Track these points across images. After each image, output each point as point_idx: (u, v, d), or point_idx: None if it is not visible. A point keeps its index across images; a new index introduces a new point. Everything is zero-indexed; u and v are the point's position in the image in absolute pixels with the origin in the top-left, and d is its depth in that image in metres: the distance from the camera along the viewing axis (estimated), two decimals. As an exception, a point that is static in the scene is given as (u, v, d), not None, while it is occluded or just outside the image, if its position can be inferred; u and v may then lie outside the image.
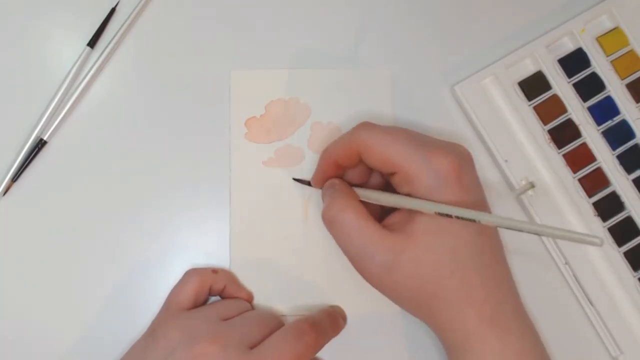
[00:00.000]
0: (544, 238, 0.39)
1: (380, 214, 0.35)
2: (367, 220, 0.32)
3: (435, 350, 0.38)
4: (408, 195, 0.32)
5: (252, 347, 0.32)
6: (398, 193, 0.33)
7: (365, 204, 0.34)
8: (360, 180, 0.36)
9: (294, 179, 0.39)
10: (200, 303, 0.36)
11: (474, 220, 0.30)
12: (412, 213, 0.32)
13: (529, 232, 0.29)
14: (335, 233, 0.33)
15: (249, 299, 0.38)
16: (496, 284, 0.32)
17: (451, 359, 0.33)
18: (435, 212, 0.31)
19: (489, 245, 0.32)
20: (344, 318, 0.38)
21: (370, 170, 0.36)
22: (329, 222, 0.33)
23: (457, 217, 0.30)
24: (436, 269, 0.31)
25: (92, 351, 0.37)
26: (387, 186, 0.35)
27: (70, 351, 0.37)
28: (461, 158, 0.32)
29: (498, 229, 0.33)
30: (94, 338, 0.37)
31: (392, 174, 0.33)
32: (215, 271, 0.37)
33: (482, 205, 0.33)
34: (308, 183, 0.38)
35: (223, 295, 0.37)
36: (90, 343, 0.37)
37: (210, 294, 0.37)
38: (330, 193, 0.35)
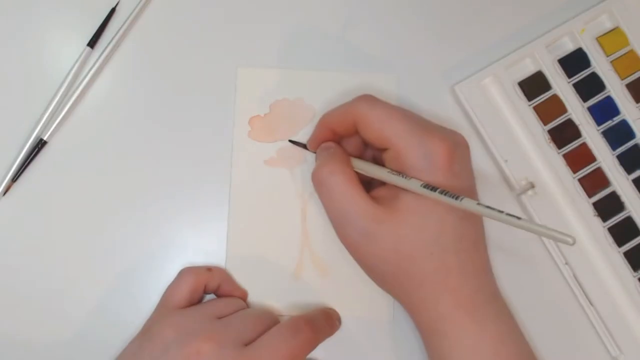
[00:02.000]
0: (543, 238, 0.39)
1: (368, 187, 0.35)
2: (355, 186, 0.32)
3: (435, 350, 0.38)
4: (398, 173, 0.33)
5: (247, 345, 0.32)
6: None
7: (357, 174, 0.34)
8: (354, 151, 0.36)
9: (290, 141, 0.39)
10: (195, 301, 0.36)
11: (456, 198, 0.30)
12: (399, 190, 0.32)
13: (505, 223, 0.29)
14: (322, 194, 0.34)
15: (244, 297, 0.38)
16: (474, 271, 0.32)
17: (426, 342, 0.33)
18: (421, 186, 0.31)
19: (472, 232, 0.33)
20: (338, 319, 0.38)
21: (365, 143, 0.36)
22: (318, 182, 0.34)
23: (442, 193, 0.30)
24: (415, 249, 0.31)
25: (90, 349, 0.37)
26: (378, 162, 0.36)
27: (68, 349, 0.37)
28: (457, 145, 0.32)
29: (483, 217, 0.33)
30: (92, 336, 0.37)
31: (385, 149, 0.33)
32: (210, 270, 0.37)
33: (470, 193, 0.33)
34: (304, 146, 0.38)
35: (218, 294, 0.37)
36: (88, 341, 0.37)
37: (205, 292, 0.37)
38: (324, 155, 0.35)
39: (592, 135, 0.39)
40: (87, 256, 0.38)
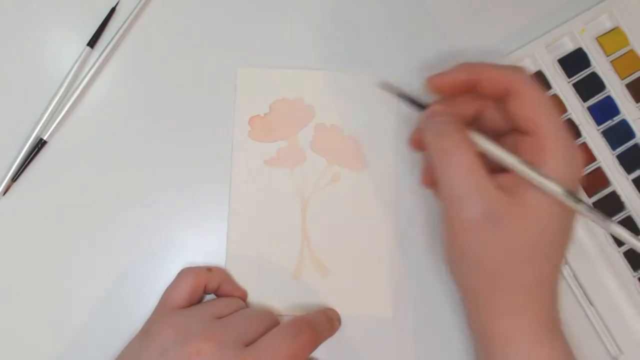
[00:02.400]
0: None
1: None
2: (483, 169, 0.30)
3: (429, 354, 0.38)
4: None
5: (247, 345, 0.32)
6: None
7: None
8: (471, 115, 0.33)
9: (382, 85, 0.36)
10: (195, 302, 0.36)
11: (603, 220, 0.29)
12: (525, 183, 0.30)
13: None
14: (448, 165, 0.30)
15: (243, 297, 0.38)
16: (555, 290, 0.31)
17: (481, 344, 0.32)
18: (563, 195, 0.29)
19: (566, 250, 0.32)
20: (338, 320, 0.38)
21: (478, 112, 0.33)
22: (443, 151, 0.30)
23: (589, 211, 0.29)
24: (528, 249, 0.30)
25: (89, 349, 0.37)
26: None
27: (67, 349, 0.37)
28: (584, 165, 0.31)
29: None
30: (92, 336, 0.37)
31: (525, 133, 0.30)
32: (210, 270, 0.36)
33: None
34: (405, 96, 0.34)
35: (218, 294, 0.37)
36: (87, 341, 0.37)
37: (205, 293, 0.37)
38: (441, 122, 0.31)
39: (592, 135, 0.39)
40: (86, 256, 0.38)
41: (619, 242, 0.38)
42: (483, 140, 0.31)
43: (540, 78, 0.40)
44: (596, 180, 0.39)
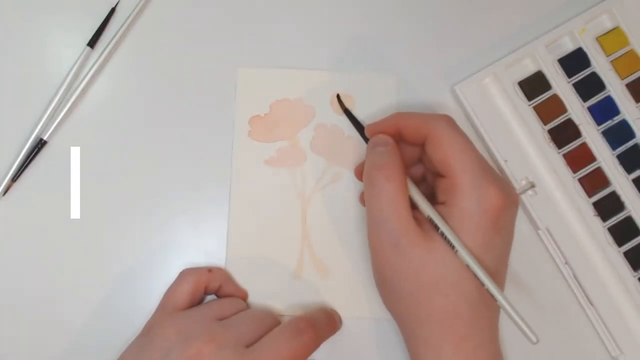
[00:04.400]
0: (544, 238, 0.39)
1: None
2: (404, 200, 0.32)
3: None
4: (442, 203, 0.32)
5: (248, 346, 0.32)
6: (435, 197, 0.33)
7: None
8: (406, 160, 0.35)
9: (347, 111, 0.39)
10: (195, 303, 0.36)
11: (483, 285, 0.30)
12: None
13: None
14: (371, 194, 0.32)
15: (244, 297, 0.38)
16: (482, 327, 0.31)
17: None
18: (441, 233, 0.31)
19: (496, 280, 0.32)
20: (339, 319, 0.38)
21: (417, 159, 0.35)
22: (371, 181, 0.33)
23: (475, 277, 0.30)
24: (435, 282, 0.31)
25: (90, 350, 0.37)
26: (422, 182, 0.36)
27: (68, 349, 0.37)
28: (510, 202, 0.31)
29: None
30: (92, 337, 0.37)
31: (441, 176, 0.32)
32: (210, 270, 0.37)
33: (505, 250, 0.33)
34: (359, 126, 0.37)
35: (218, 294, 0.37)
36: (88, 341, 0.37)
37: (206, 293, 0.37)
38: (381, 152, 0.33)
39: (592, 135, 0.39)
40: (87, 256, 0.38)
41: (619, 242, 0.38)
42: (412, 189, 0.33)
43: (540, 78, 0.40)
44: (596, 180, 0.39)
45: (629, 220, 0.39)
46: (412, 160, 0.36)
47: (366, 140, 0.36)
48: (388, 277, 0.32)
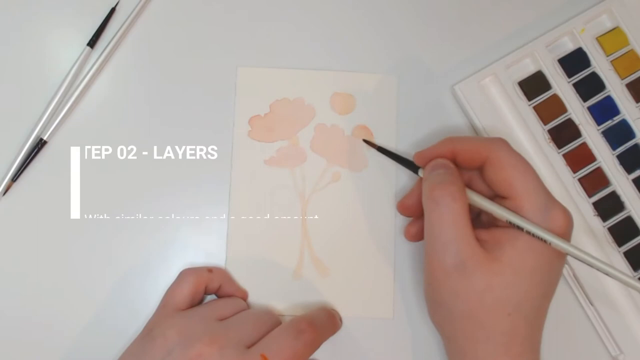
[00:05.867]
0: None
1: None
2: (467, 220, 0.31)
3: (429, 356, 0.38)
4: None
5: (249, 347, 0.32)
6: (494, 220, 0.33)
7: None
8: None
9: (373, 145, 0.39)
10: (196, 303, 0.36)
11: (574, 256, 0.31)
12: (503, 240, 0.31)
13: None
14: (434, 213, 0.32)
15: (244, 297, 0.38)
16: (534, 346, 0.32)
17: None
18: (528, 231, 0.31)
19: (545, 311, 0.32)
20: (340, 318, 0.38)
21: (467, 181, 0.35)
22: (435, 201, 0.32)
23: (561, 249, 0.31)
24: (498, 304, 0.31)
25: (90, 350, 0.37)
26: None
27: (69, 350, 0.37)
28: (572, 222, 0.32)
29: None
30: (93, 337, 0.37)
31: (504, 198, 0.32)
32: (210, 270, 0.36)
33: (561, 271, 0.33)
34: (400, 158, 0.37)
35: (219, 294, 0.37)
36: (88, 342, 0.37)
37: (206, 293, 0.37)
38: (442, 173, 0.33)
39: (592, 135, 0.39)
40: (87, 256, 0.38)
41: (619, 242, 0.38)
42: (474, 195, 0.33)
43: (540, 78, 0.40)
44: (596, 180, 0.39)
45: (629, 220, 0.39)
46: (467, 185, 0.35)
47: (414, 169, 0.35)
48: (445, 298, 0.32)
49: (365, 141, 0.39)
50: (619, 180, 0.39)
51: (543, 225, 0.31)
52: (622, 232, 0.39)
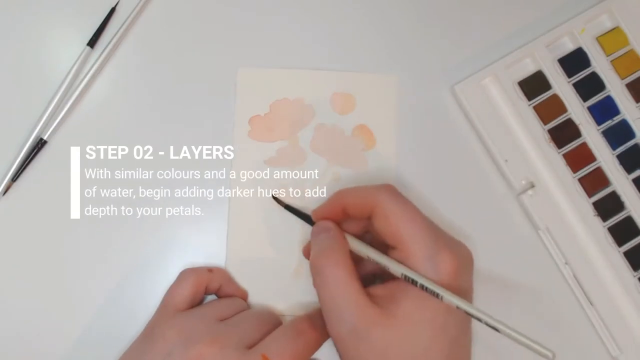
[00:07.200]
0: (544, 238, 0.39)
1: (365, 282, 0.33)
2: (353, 282, 0.31)
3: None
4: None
5: (250, 347, 0.32)
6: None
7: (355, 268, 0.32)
8: (355, 233, 0.35)
9: (282, 203, 0.38)
10: (196, 303, 0.36)
11: (436, 295, 0.29)
12: (397, 293, 0.31)
13: (490, 326, 0.29)
14: (318, 284, 0.32)
15: (244, 297, 0.38)
16: None
17: None
18: (421, 286, 0.30)
19: (460, 354, 0.31)
20: None
21: (365, 228, 0.35)
22: (318, 270, 0.32)
23: (422, 288, 0.30)
24: (405, 357, 0.30)
25: (90, 351, 0.37)
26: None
27: (68, 351, 0.37)
28: (464, 260, 0.31)
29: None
30: (93, 338, 0.37)
31: (392, 248, 0.32)
32: (210, 271, 0.36)
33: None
34: (302, 215, 0.37)
35: (219, 295, 0.37)
36: (88, 343, 0.37)
37: (206, 294, 0.37)
38: (323, 239, 0.33)
39: (592, 135, 0.39)
40: (87, 257, 0.38)
41: (619, 242, 0.38)
42: (357, 244, 0.33)
43: (540, 78, 0.40)
44: (596, 180, 0.39)
45: (629, 220, 0.39)
46: (362, 233, 0.35)
47: (308, 220, 0.36)
48: None
49: (274, 198, 0.38)
50: (619, 180, 0.39)
51: (431, 273, 0.30)
52: (622, 232, 0.39)
